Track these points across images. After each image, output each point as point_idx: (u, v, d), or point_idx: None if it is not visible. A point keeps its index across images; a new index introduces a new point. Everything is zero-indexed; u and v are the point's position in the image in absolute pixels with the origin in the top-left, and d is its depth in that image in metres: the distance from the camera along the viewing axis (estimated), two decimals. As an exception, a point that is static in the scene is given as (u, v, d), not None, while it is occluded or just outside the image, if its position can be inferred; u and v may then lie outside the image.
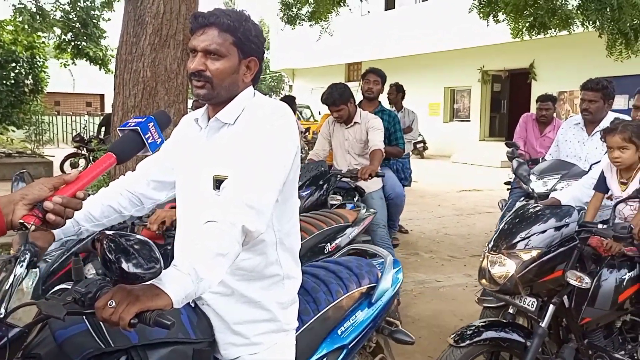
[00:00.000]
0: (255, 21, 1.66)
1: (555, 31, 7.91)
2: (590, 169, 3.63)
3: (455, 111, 20.27)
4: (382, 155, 4.20)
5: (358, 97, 4.84)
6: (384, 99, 5.42)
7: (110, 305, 1.17)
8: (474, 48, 17.35)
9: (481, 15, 8.35)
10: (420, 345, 3.50)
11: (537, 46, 14.26)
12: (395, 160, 6.78)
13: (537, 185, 3.65)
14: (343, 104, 4.25)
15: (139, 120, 1.50)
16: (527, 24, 7.99)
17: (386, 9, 21.40)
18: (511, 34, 8.47)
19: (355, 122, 4.36)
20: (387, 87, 5.90)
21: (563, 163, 3.80)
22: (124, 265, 1.15)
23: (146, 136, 1.48)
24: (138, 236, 1.23)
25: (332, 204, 3.87)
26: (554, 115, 5.74)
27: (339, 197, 4.04)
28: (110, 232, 1.21)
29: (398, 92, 7.10)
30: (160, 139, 1.53)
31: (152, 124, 1.50)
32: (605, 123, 3.74)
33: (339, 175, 4.03)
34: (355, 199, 4.23)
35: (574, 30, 7.77)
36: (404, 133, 6.60)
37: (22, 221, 1.24)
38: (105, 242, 1.17)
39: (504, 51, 16.39)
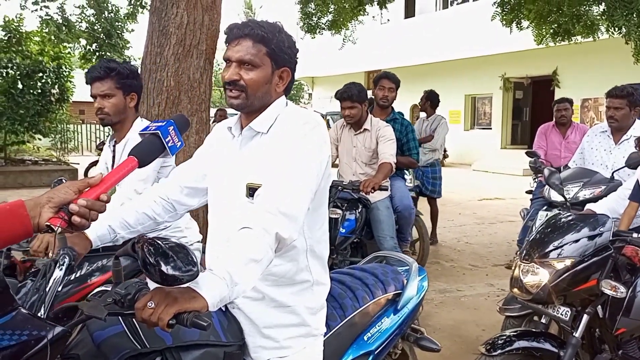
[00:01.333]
0: (288, 32, 1.70)
1: (579, 38, 7.85)
2: (612, 176, 3.59)
3: (476, 118, 20.16)
4: (390, 170, 4.04)
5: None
6: (399, 104, 5.26)
7: (149, 306, 1.21)
8: (495, 55, 17.26)
9: (504, 22, 8.33)
10: (442, 355, 3.48)
11: (560, 53, 14.16)
12: (423, 169, 6.58)
13: (551, 193, 3.63)
14: (358, 102, 4.11)
15: (159, 124, 1.53)
16: (550, 31, 7.96)
17: (406, 17, 21.42)
18: (535, 40, 8.43)
19: (365, 129, 4.23)
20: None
21: (585, 171, 3.76)
22: (164, 268, 1.19)
23: (166, 140, 1.51)
24: (175, 240, 1.27)
25: (331, 218, 3.73)
26: (572, 118, 5.72)
27: (339, 211, 3.93)
28: (150, 236, 1.25)
29: (427, 99, 6.95)
30: (180, 142, 1.56)
31: (172, 127, 1.53)
32: (632, 131, 3.73)
33: (339, 187, 3.88)
34: (359, 211, 4.14)
35: (598, 37, 7.71)
36: (425, 141, 6.61)
37: (48, 223, 1.27)
38: (145, 246, 1.21)
39: (526, 58, 16.28)
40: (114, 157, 2.66)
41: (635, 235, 2.48)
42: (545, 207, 4.04)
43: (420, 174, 6.60)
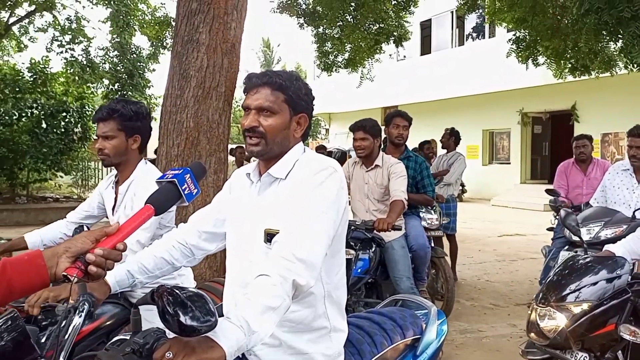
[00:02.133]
0: (304, 81, 1.75)
1: (597, 73, 7.85)
2: (634, 215, 3.54)
3: (494, 153, 20.08)
4: (402, 207, 3.97)
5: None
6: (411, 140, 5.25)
7: (167, 356, 1.21)
8: (512, 90, 17.28)
9: (520, 59, 8.37)
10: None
11: (578, 88, 14.14)
12: (438, 205, 6.62)
13: (582, 233, 3.57)
14: (371, 135, 4.10)
15: (176, 172, 1.56)
16: (569, 66, 7.98)
17: (422, 54, 21.65)
18: (553, 75, 8.44)
19: (376, 165, 4.22)
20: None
21: (606, 210, 3.73)
22: (182, 319, 1.19)
23: (183, 187, 1.53)
24: (193, 289, 1.27)
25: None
26: (592, 154, 5.65)
27: (352, 251, 3.89)
28: (169, 286, 1.26)
29: (451, 135, 6.99)
30: (196, 190, 1.58)
31: (189, 175, 1.56)
32: None
33: (352, 227, 3.84)
34: (372, 250, 4.10)
35: (616, 72, 7.70)
36: (441, 175, 6.61)
37: (65, 273, 1.29)
38: (164, 295, 1.22)
39: (544, 93, 16.29)
40: (116, 198, 2.65)
41: None
42: (567, 247, 3.98)
43: (442, 209, 6.62)
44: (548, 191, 5.42)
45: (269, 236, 1.62)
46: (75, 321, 1.45)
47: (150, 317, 1.81)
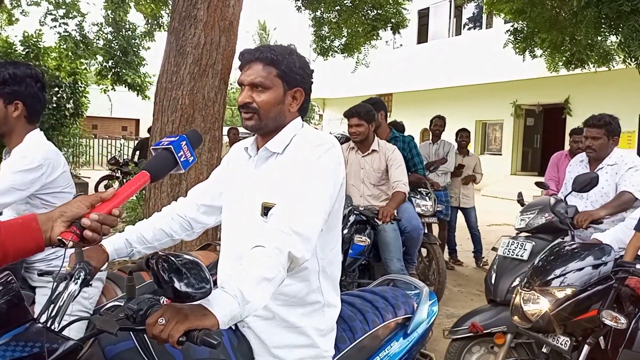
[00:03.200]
0: (300, 54, 1.73)
1: (593, 67, 7.87)
2: (565, 201, 3.48)
3: (486, 144, 20.15)
4: (403, 199, 4.06)
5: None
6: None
7: (160, 322, 1.21)
8: (507, 82, 17.30)
9: (517, 50, 8.36)
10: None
11: (572, 81, 14.17)
12: (436, 193, 6.61)
13: (517, 222, 3.58)
14: (365, 120, 4.11)
15: (172, 139, 1.54)
16: (563, 59, 7.99)
17: (419, 42, 21.58)
18: (547, 68, 8.45)
19: (373, 150, 4.25)
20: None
21: (545, 199, 3.68)
22: (177, 285, 1.19)
23: (179, 154, 1.52)
24: (188, 256, 1.27)
25: (359, 244, 3.89)
26: None
27: (366, 238, 3.99)
28: (163, 253, 1.26)
29: (444, 125, 7.08)
30: (192, 158, 1.57)
31: (185, 142, 1.55)
32: (608, 160, 3.63)
33: (356, 212, 3.92)
34: (367, 233, 4.14)
35: (613, 67, 7.72)
36: (440, 164, 6.64)
37: (60, 237, 1.28)
38: (159, 262, 1.22)
39: (538, 85, 16.32)
40: None
41: (638, 265, 2.46)
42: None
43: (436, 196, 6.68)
44: (538, 184, 5.42)
45: (266, 209, 1.62)
46: (71, 288, 1.44)
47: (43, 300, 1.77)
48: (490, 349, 3.12)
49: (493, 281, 3.25)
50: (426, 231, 5.47)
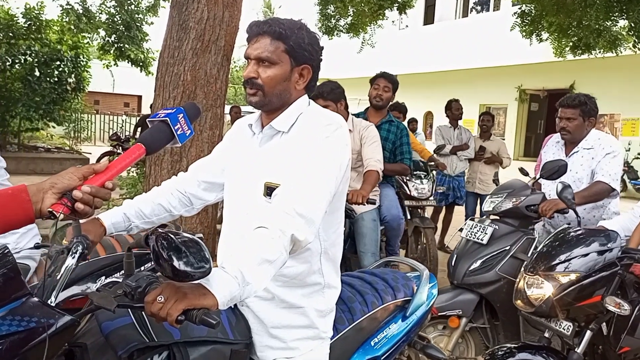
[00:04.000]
0: (310, 30, 1.68)
1: (600, 52, 7.77)
2: (533, 187, 3.40)
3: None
4: (377, 178, 3.68)
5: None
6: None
7: (159, 300, 1.20)
8: (512, 66, 17.16)
9: (524, 34, 8.26)
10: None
11: (578, 67, 14.06)
12: (450, 178, 6.52)
13: (486, 204, 3.47)
14: (331, 100, 3.61)
15: (169, 111, 1.51)
16: (570, 44, 7.89)
17: (425, 24, 21.36)
18: (554, 53, 8.35)
19: None
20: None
21: (516, 182, 3.53)
22: (176, 263, 1.17)
23: (175, 127, 1.49)
24: (188, 234, 1.25)
25: None
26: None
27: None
28: (163, 230, 1.24)
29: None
30: (189, 131, 1.53)
31: (182, 115, 1.51)
32: (584, 143, 3.47)
33: None
34: None
35: (621, 52, 7.62)
36: (461, 150, 6.57)
37: (50, 209, 1.25)
38: (158, 239, 1.20)
39: (543, 70, 16.18)
40: None
41: None
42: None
43: (456, 182, 6.65)
44: (521, 170, 5.35)
45: (269, 190, 1.59)
46: (68, 262, 1.42)
47: None
48: (442, 330, 3.11)
49: (453, 264, 3.22)
50: (424, 215, 5.43)
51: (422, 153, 6.44)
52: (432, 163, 6.11)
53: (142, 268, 2.28)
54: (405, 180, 5.26)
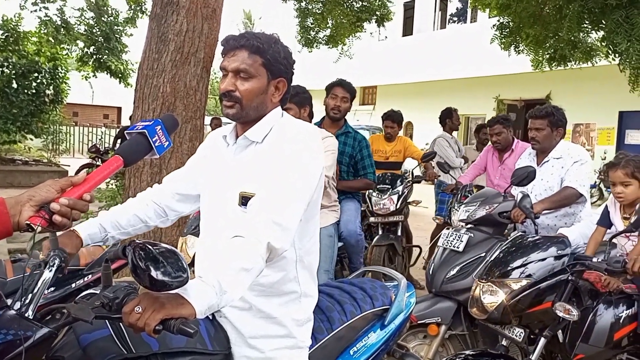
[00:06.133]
0: (285, 44, 1.71)
1: (576, 64, 7.91)
2: (505, 193, 3.44)
3: (469, 138, 20.28)
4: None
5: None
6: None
7: (136, 310, 1.21)
8: (490, 77, 17.42)
9: (502, 46, 8.39)
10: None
11: (554, 77, 14.29)
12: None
13: (460, 213, 3.50)
14: (294, 104, 3.42)
15: (147, 123, 1.52)
16: (546, 56, 8.02)
17: (404, 35, 21.60)
18: (531, 65, 8.49)
19: None
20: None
21: (489, 191, 3.66)
22: (153, 273, 1.18)
23: (153, 139, 1.50)
24: (166, 245, 1.27)
25: None
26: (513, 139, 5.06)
27: None
28: (140, 241, 1.25)
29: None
30: (167, 142, 1.54)
31: (160, 127, 1.52)
32: (554, 152, 3.56)
33: None
34: None
35: (596, 63, 7.77)
36: (464, 163, 6.19)
37: (28, 222, 1.26)
38: (135, 250, 1.21)
39: (520, 81, 16.44)
40: None
41: (595, 259, 2.47)
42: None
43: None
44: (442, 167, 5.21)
45: (244, 199, 1.60)
46: (45, 275, 1.42)
47: None
48: (422, 339, 3.14)
49: (431, 272, 3.26)
50: (400, 232, 5.08)
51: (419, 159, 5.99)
52: (416, 174, 5.90)
53: (74, 285, 2.25)
54: (368, 195, 4.96)
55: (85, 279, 1.92)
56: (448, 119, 6.45)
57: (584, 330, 2.52)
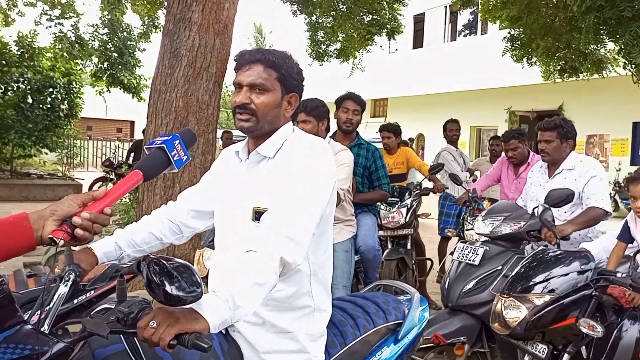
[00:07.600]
0: (296, 60, 1.74)
1: (586, 75, 7.89)
2: (533, 212, 3.37)
3: (481, 150, 20.21)
4: (338, 200, 3.35)
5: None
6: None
7: (151, 325, 1.21)
8: (501, 88, 17.38)
9: (514, 58, 8.38)
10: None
11: (567, 88, 14.23)
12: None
13: (481, 226, 3.45)
14: (313, 117, 3.50)
15: (165, 138, 1.54)
16: (558, 67, 8.01)
17: (414, 48, 21.66)
18: (542, 76, 8.47)
19: None
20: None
21: (510, 205, 3.60)
22: (168, 288, 1.19)
23: (172, 153, 1.52)
24: (180, 260, 1.28)
25: None
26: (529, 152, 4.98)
27: None
28: (155, 256, 1.26)
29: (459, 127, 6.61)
30: (185, 157, 1.56)
31: (178, 141, 1.54)
32: (564, 164, 3.54)
33: None
34: None
35: (607, 74, 7.74)
36: (470, 177, 6.11)
37: (51, 236, 1.28)
38: (150, 265, 1.22)
39: (532, 92, 16.39)
40: None
41: (619, 274, 2.44)
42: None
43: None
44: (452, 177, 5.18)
45: (257, 214, 1.61)
46: (60, 290, 1.43)
47: None
48: (439, 354, 3.06)
49: (447, 286, 3.23)
50: (409, 246, 4.99)
51: (421, 169, 5.98)
52: (425, 186, 5.71)
53: (76, 301, 2.24)
54: (373, 211, 4.72)
55: (88, 294, 1.93)
56: (444, 131, 6.51)
57: (609, 346, 2.48)
